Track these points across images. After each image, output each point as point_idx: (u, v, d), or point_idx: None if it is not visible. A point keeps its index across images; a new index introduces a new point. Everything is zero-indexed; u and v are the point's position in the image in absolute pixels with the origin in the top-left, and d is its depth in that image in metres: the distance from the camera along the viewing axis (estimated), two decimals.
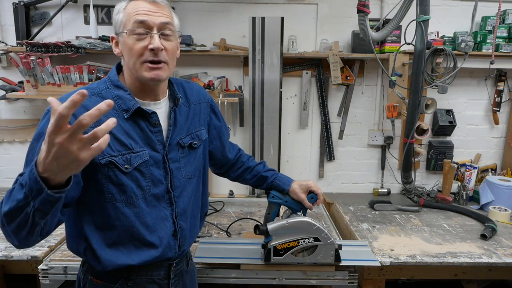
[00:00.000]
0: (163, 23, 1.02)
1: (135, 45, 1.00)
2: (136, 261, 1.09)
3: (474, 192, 2.49)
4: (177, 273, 1.21)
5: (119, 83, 1.07)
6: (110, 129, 0.72)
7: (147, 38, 1.00)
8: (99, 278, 1.12)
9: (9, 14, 2.41)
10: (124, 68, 1.09)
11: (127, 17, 1.01)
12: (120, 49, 1.06)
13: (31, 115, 2.56)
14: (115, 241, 1.07)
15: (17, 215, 0.80)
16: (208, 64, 2.50)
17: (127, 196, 1.05)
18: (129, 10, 1.01)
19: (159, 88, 1.10)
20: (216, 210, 2.23)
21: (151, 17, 1.00)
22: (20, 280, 2.01)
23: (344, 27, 2.47)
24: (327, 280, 1.56)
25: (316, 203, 1.47)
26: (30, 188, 0.76)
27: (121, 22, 1.03)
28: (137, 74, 1.03)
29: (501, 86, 2.54)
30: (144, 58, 1.01)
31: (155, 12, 1.01)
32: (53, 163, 0.72)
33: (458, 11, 2.48)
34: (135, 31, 1.00)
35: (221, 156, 1.40)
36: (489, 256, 1.69)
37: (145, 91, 1.09)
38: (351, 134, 2.64)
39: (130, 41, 1.01)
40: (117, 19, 1.04)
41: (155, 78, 1.02)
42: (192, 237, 1.25)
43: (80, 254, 1.10)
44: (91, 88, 1.05)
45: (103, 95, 1.04)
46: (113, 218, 1.05)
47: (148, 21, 1.00)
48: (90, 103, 1.00)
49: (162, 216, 1.12)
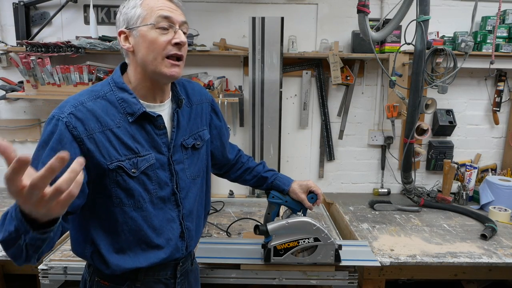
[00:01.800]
0: (183, 22, 1.04)
1: (159, 38, 1.00)
2: (144, 264, 1.08)
3: (474, 192, 2.49)
4: (183, 272, 1.21)
5: (124, 86, 1.05)
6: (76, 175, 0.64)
7: (170, 33, 1.01)
8: (106, 280, 1.11)
9: (9, 14, 2.41)
10: (133, 66, 1.06)
11: (149, 11, 1.00)
12: (132, 44, 1.03)
13: (31, 115, 2.56)
14: (123, 245, 1.06)
15: (11, 245, 0.77)
16: (208, 64, 2.50)
17: (135, 200, 1.04)
18: (151, 4, 1.01)
19: (168, 87, 1.11)
20: (216, 210, 2.23)
21: (174, 14, 1.02)
22: (20, 280, 2.02)
23: (344, 27, 2.47)
24: (327, 280, 1.56)
25: (316, 203, 1.47)
26: (18, 225, 0.73)
27: (138, 16, 1.01)
28: (155, 69, 1.02)
29: (501, 86, 2.54)
30: (167, 52, 1.01)
31: (175, 10, 1.04)
32: (31, 210, 0.68)
33: (458, 11, 2.48)
34: (160, 24, 1.00)
35: (221, 156, 1.39)
36: (489, 256, 1.69)
37: (153, 91, 1.08)
38: (351, 134, 2.64)
39: (153, 34, 1.00)
40: (133, 13, 1.02)
41: (174, 75, 1.03)
42: (198, 237, 1.25)
43: (86, 258, 1.09)
44: (95, 90, 1.04)
45: (108, 98, 1.03)
46: (121, 222, 1.05)
47: (173, 17, 1.01)
48: (96, 106, 1.00)
49: (169, 218, 1.12)
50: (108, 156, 0.99)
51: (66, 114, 0.96)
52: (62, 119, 0.95)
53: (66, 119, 0.95)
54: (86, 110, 0.98)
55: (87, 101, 1.00)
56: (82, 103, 0.99)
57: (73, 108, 0.97)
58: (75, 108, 0.97)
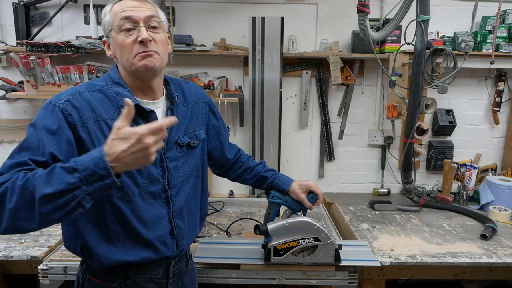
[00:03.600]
0: (148, 16, 1.04)
1: (125, 40, 1.02)
2: (133, 258, 1.09)
3: (474, 192, 2.49)
4: (176, 273, 1.21)
5: (119, 81, 1.08)
6: (165, 136, 0.87)
7: (135, 32, 1.02)
8: (98, 277, 1.12)
9: (9, 14, 2.41)
10: (120, 69, 1.11)
11: (114, 16, 1.04)
12: (112, 50, 1.08)
13: (31, 115, 2.56)
14: (112, 236, 1.07)
15: (61, 197, 0.82)
16: (208, 64, 2.50)
17: (124, 192, 1.06)
18: (115, 9, 1.04)
19: (154, 82, 1.11)
20: (216, 210, 2.23)
21: (136, 12, 1.03)
22: (20, 280, 2.02)
23: (344, 27, 2.47)
24: (327, 280, 1.56)
25: (316, 203, 1.47)
26: (92, 173, 0.83)
27: (108, 22, 1.06)
28: (132, 68, 1.04)
29: (501, 86, 2.54)
30: (135, 51, 1.03)
31: (139, 7, 1.04)
32: (129, 157, 0.84)
33: (458, 11, 2.48)
34: (122, 26, 1.02)
35: (220, 156, 1.40)
36: (489, 256, 1.69)
37: (142, 88, 1.10)
38: (351, 134, 2.64)
39: (119, 38, 1.03)
40: (105, 21, 1.07)
41: (148, 64, 1.03)
42: (191, 236, 1.25)
43: (77, 253, 1.11)
44: (92, 84, 1.08)
45: (104, 91, 1.06)
46: (109, 213, 1.06)
47: (134, 16, 1.02)
48: (92, 96, 1.04)
49: (160, 214, 1.12)
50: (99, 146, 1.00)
51: (63, 101, 0.99)
52: (58, 105, 0.98)
53: (63, 105, 0.99)
54: (82, 99, 1.02)
55: (84, 91, 1.04)
56: (79, 92, 1.03)
57: (70, 96, 1.01)
58: (72, 96, 1.01)
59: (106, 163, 0.83)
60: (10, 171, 0.88)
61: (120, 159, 0.84)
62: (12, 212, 0.82)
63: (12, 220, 0.83)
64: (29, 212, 0.83)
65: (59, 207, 0.83)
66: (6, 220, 0.83)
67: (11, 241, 1.75)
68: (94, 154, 0.85)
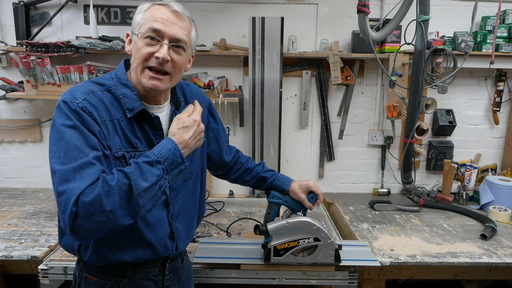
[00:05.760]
0: (176, 39, 1.02)
1: (143, 49, 1.01)
2: (131, 258, 1.10)
3: (474, 192, 2.49)
4: (172, 269, 1.22)
5: (127, 82, 1.07)
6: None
7: (157, 46, 1.01)
8: (94, 275, 1.12)
9: (9, 14, 2.41)
10: (132, 67, 1.09)
11: (145, 20, 1.02)
12: (131, 48, 1.07)
13: (31, 115, 2.56)
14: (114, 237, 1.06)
15: (153, 188, 0.94)
16: (208, 64, 2.50)
17: None
18: (151, 13, 1.02)
19: (160, 96, 1.11)
20: (216, 210, 2.23)
21: (167, 27, 1.01)
22: (20, 280, 2.02)
23: (344, 27, 2.47)
24: (327, 280, 1.56)
25: (316, 203, 1.47)
26: (171, 163, 0.98)
27: (137, 23, 1.04)
28: (137, 77, 1.05)
29: (501, 86, 2.54)
30: (148, 63, 1.02)
31: (172, 23, 1.02)
32: (193, 142, 1.05)
33: (458, 11, 2.48)
34: (147, 36, 1.01)
35: (218, 158, 1.41)
36: (489, 256, 1.69)
37: (146, 96, 1.10)
38: (351, 134, 2.64)
39: (140, 43, 1.02)
40: (135, 19, 1.05)
41: (153, 88, 1.03)
42: (188, 237, 1.26)
43: (74, 252, 1.11)
44: (100, 83, 1.06)
45: (112, 91, 1.05)
46: None
47: (162, 31, 1.00)
48: (104, 96, 1.03)
49: (160, 217, 1.13)
50: (114, 144, 1.01)
51: (81, 100, 0.97)
52: (77, 104, 0.96)
53: (82, 104, 0.97)
54: (97, 98, 1.01)
55: (96, 91, 1.03)
56: (92, 91, 1.02)
57: (86, 95, 0.99)
58: (88, 95, 1.00)
59: (180, 151, 0.99)
60: (76, 174, 0.88)
61: (188, 145, 1.02)
62: (112, 213, 0.88)
63: (113, 221, 0.89)
64: (126, 209, 0.90)
65: (151, 198, 0.95)
66: (105, 222, 0.88)
67: (11, 241, 1.75)
68: (167, 145, 0.99)
